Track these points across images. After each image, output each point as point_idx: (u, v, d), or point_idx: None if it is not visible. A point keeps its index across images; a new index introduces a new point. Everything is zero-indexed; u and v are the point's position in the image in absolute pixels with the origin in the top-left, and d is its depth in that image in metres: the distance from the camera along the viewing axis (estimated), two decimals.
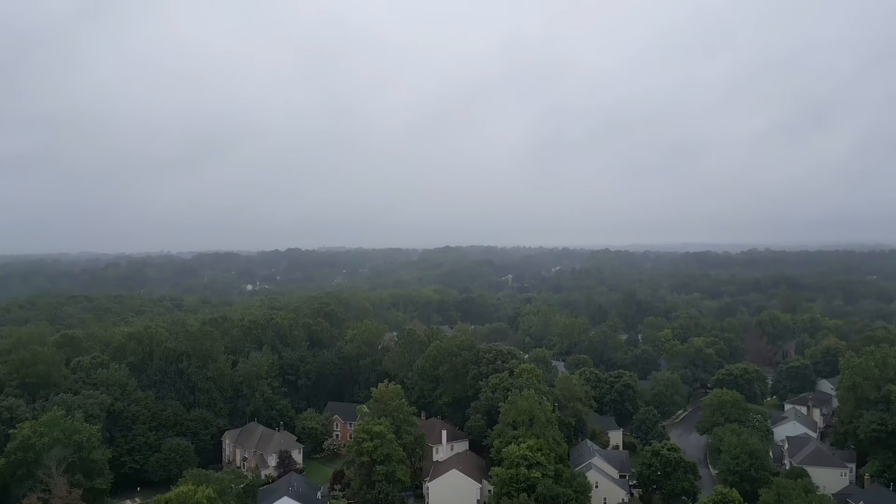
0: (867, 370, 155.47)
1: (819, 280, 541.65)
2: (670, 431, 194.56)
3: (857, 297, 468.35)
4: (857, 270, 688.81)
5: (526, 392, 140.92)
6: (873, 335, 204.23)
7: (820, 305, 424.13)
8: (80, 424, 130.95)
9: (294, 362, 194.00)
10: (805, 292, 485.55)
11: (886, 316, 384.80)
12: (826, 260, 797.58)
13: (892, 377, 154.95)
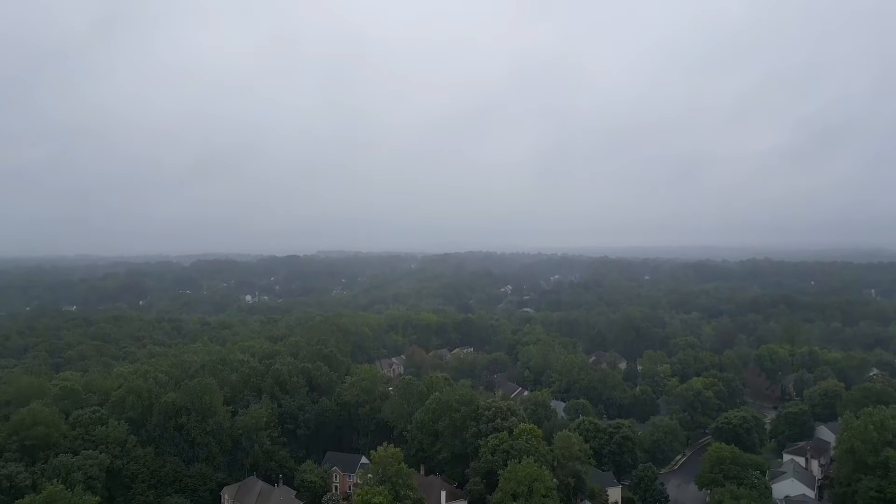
0: (866, 433, 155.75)
1: (818, 299, 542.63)
2: (669, 480, 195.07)
3: (856, 319, 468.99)
4: (855, 284, 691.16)
5: (525, 460, 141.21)
6: (872, 386, 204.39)
7: (818, 328, 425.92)
8: (79, 499, 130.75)
9: (293, 411, 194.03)
10: (803, 312, 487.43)
11: (884, 341, 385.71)
12: (824, 272, 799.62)
13: (890, 440, 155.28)
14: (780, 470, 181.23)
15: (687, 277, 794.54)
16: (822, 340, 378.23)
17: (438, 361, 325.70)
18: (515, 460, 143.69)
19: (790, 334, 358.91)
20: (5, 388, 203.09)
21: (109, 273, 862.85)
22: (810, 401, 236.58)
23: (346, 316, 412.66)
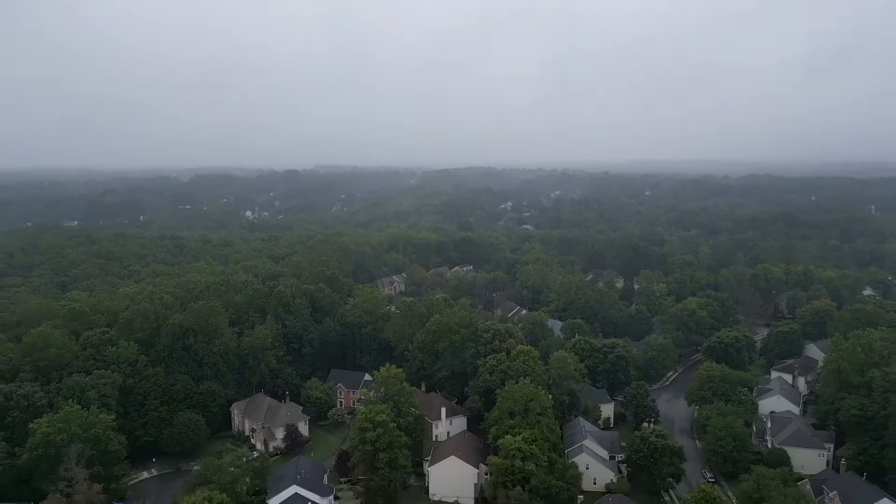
0: (853, 355, 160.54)
1: (817, 216, 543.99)
2: (660, 396, 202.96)
3: (854, 236, 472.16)
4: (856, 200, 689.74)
5: (522, 381, 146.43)
6: (863, 308, 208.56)
7: (815, 245, 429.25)
8: (95, 417, 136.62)
9: (298, 331, 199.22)
10: (802, 229, 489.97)
11: (879, 259, 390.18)
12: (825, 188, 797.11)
13: (876, 361, 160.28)
14: (767, 387, 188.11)
15: (687, 194, 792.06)
16: (818, 258, 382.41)
17: (438, 280, 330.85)
18: (513, 381, 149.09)
19: (786, 253, 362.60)
20: (15, 308, 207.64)
21: (109, 189, 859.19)
22: (801, 320, 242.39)
23: (346, 234, 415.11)
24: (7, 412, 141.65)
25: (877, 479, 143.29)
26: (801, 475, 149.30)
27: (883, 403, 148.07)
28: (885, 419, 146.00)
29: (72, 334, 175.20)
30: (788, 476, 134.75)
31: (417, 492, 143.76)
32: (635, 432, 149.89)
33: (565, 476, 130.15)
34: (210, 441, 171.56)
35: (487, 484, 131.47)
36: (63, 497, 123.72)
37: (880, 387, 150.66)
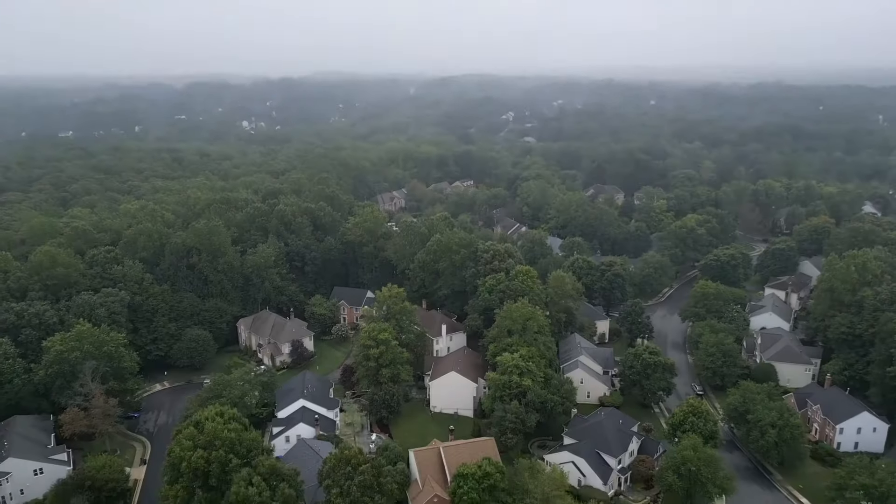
0: (847, 274, 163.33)
1: (823, 127, 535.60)
2: (655, 312, 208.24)
3: (860, 148, 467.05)
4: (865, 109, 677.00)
5: (521, 300, 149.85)
6: (860, 226, 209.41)
7: (819, 158, 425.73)
8: (106, 336, 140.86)
9: (300, 250, 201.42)
10: (807, 141, 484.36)
11: (882, 173, 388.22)
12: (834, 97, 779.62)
13: (869, 280, 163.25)
14: (760, 304, 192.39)
15: (692, 104, 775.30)
16: (820, 172, 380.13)
17: (438, 195, 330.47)
18: (511, 300, 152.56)
19: (789, 167, 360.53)
20: (19, 226, 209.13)
21: (100, 97, 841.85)
22: (799, 236, 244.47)
23: (345, 148, 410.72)
24: (20, 330, 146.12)
25: (859, 393, 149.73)
26: (786, 389, 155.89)
27: (871, 321, 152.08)
28: (873, 336, 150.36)
29: (77, 253, 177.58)
30: (774, 390, 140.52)
31: (419, 404, 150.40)
32: (629, 349, 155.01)
33: (560, 391, 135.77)
34: (218, 355, 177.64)
35: (486, 397, 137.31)
36: (80, 410, 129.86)
37: (870, 305, 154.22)
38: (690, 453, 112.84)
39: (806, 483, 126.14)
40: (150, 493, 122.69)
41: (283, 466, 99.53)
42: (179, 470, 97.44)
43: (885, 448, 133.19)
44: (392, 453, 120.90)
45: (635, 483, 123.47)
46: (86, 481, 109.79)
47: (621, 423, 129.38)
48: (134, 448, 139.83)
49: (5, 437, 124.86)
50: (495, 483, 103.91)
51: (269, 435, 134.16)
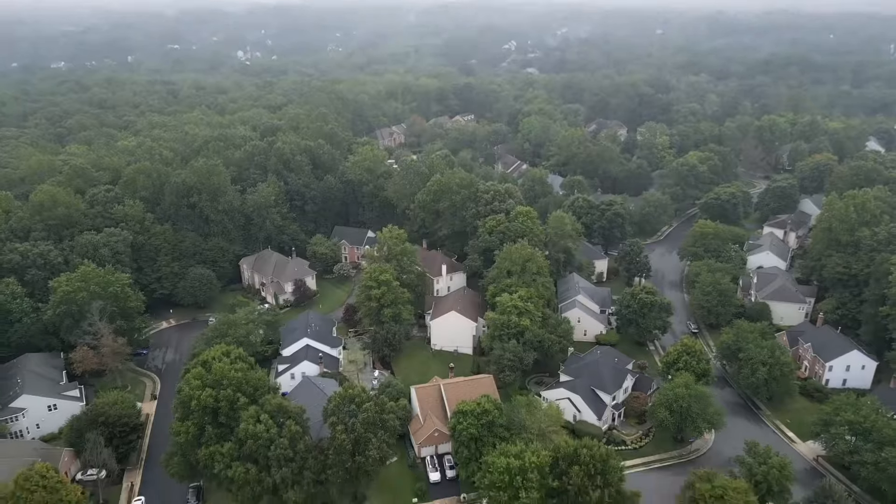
0: (846, 214, 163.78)
1: (832, 59, 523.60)
2: (654, 250, 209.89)
3: (867, 80, 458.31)
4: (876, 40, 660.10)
5: (520, 242, 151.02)
6: (862, 164, 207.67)
7: (826, 91, 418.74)
8: (112, 276, 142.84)
9: (300, 189, 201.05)
10: (815, 73, 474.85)
11: (889, 106, 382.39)
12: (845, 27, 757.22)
13: (867, 221, 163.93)
14: (758, 243, 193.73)
15: (700, 33, 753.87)
16: (827, 105, 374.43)
17: (439, 130, 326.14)
18: (511, 241, 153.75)
19: (795, 102, 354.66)
20: (18, 164, 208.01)
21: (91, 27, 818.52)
22: (800, 174, 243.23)
23: (343, 81, 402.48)
24: (25, 270, 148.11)
25: (850, 331, 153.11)
26: (779, 327, 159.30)
27: (867, 262, 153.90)
28: (867, 277, 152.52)
29: (77, 193, 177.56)
30: (767, 329, 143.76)
31: (420, 342, 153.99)
32: (626, 289, 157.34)
33: (557, 330, 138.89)
34: (222, 293, 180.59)
35: (485, 336, 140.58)
36: (90, 349, 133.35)
37: (867, 245, 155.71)
38: (682, 391, 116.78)
39: (793, 418, 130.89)
40: (161, 427, 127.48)
41: (290, 404, 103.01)
42: (189, 408, 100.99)
43: (871, 385, 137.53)
44: (394, 390, 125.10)
45: (628, 418, 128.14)
46: (99, 417, 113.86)
47: (616, 362, 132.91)
48: (144, 384, 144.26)
49: (18, 374, 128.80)
50: (493, 419, 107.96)
51: (274, 372, 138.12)
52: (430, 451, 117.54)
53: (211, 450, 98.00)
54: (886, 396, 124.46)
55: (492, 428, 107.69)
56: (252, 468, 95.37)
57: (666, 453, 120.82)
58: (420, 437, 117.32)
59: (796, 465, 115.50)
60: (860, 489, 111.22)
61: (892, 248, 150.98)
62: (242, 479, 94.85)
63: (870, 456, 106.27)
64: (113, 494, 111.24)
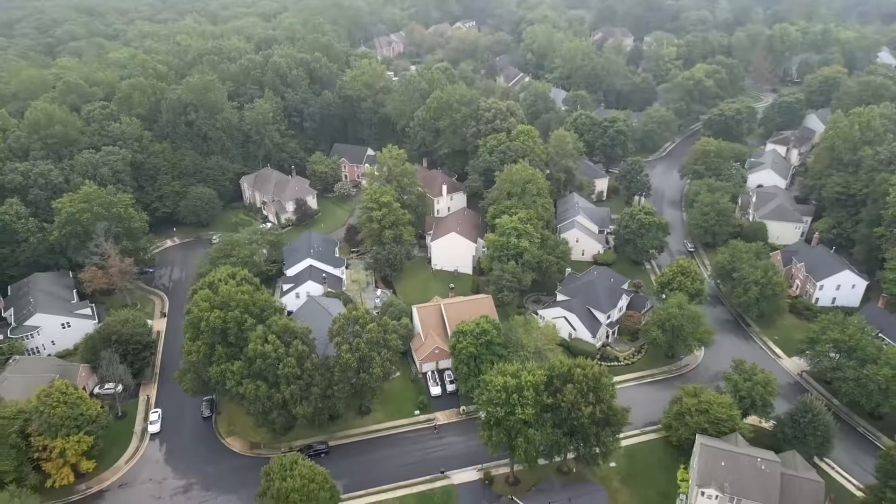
0: (850, 133, 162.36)
1: None
2: (655, 167, 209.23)
3: None
4: None
5: (521, 163, 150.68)
6: (871, 79, 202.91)
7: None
8: (114, 197, 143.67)
9: (297, 105, 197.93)
10: None
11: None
12: None
13: (871, 139, 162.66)
14: (760, 161, 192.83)
15: None
16: (841, 13, 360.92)
17: (439, 39, 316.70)
18: (511, 162, 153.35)
19: (808, 8, 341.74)
20: (8, 79, 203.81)
21: None
22: (809, 87, 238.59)
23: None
24: (28, 190, 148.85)
25: (844, 250, 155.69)
26: (775, 246, 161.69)
27: (867, 181, 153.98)
28: (865, 197, 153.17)
29: (72, 110, 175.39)
30: (762, 249, 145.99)
31: (421, 262, 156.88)
32: (625, 209, 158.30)
33: (556, 251, 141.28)
34: (224, 212, 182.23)
35: (484, 257, 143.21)
36: (98, 269, 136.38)
37: (868, 165, 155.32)
38: (675, 310, 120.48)
39: (781, 335, 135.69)
40: (172, 343, 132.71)
41: (296, 324, 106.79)
42: (199, 328, 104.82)
43: (860, 303, 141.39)
44: (396, 309, 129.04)
45: (622, 336, 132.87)
46: (112, 335, 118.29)
47: (612, 282, 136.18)
48: (153, 301, 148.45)
49: (31, 293, 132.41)
50: (491, 339, 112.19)
51: (279, 291, 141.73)
52: (431, 366, 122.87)
53: (222, 368, 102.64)
54: (873, 315, 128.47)
55: (490, 347, 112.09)
56: (262, 385, 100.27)
57: (657, 369, 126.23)
58: (421, 353, 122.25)
59: (781, 380, 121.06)
60: (840, 402, 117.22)
61: (893, 167, 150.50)
62: (254, 396, 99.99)
63: (851, 372, 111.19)
64: (130, 407, 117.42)
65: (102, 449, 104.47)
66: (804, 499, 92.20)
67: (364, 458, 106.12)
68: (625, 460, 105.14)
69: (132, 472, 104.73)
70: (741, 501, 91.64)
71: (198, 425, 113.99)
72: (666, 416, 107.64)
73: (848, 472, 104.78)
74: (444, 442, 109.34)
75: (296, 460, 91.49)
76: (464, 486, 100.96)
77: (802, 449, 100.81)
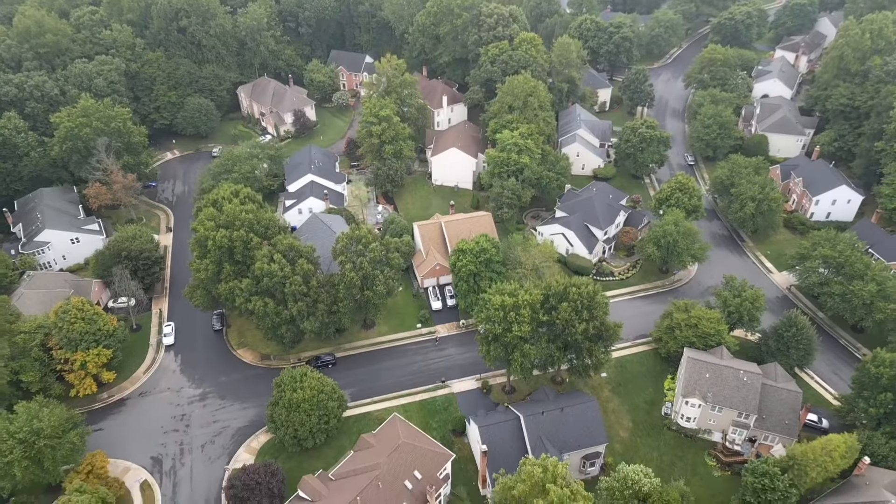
0: (860, 42, 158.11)
1: None
2: (659, 75, 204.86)
3: None
4: None
5: (523, 74, 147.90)
6: None
7: None
8: (112, 111, 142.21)
9: (292, 8, 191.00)
10: None
11: None
12: None
13: (881, 48, 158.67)
14: (767, 69, 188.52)
15: None
16: None
17: None
18: (514, 72, 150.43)
19: None
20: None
21: None
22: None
23: None
24: (24, 103, 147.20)
25: (844, 164, 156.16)
26: (775, 159, 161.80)
27: (873, 93, 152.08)
28: (870, 109, 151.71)
29: (61, 15, 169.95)
30: (762, 164, 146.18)
31: (421, 177, 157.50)
32: (627, 123, 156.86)
33: (556, 167, 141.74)
34: (223, 123, 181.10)
35: (484, 173, 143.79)
36: (102, 185, 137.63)
37: (875, 76, 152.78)
38: (671, 227, 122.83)
39: (773, 249, 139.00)
40: (179, 257, 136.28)
41: (300, 243, 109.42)
42: (206, 247, 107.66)
43: (854, 217, 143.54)
44: (398, 226, 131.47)
45: (618, 251, 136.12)
46: (122, 252, 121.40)
47: (611, 198, 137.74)
48: (157, 216, 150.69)
49: (37, 209, 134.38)
50: (490, 257, 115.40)
51: (281, 207, 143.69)
52: (433, 282, 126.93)
53: (230, 285, 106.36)
54: (865, 230, 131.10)
55: (489, 265, 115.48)
56: (270, 302, 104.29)
57: (650, 283, 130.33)
58: (423, 270, 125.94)
59: (770, 294, 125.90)
60: (825, 315, 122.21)
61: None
62: (262, 312, 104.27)
63: (838, 288, 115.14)
64: (144, 320, 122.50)
65: (121, 361, 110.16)
66: (782, 406, 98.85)
67: (369, 369, 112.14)
68: (616, 371, 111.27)
69: (151, 382, 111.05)
70: (722, 410, 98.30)
71: (209, 338, 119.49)
72: (656, 330, 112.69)
73: (827, 382, 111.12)
74: (444, 353, 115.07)
75: (305, 372, 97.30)
76: (462, 395, 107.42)
77: (784, 361, 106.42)
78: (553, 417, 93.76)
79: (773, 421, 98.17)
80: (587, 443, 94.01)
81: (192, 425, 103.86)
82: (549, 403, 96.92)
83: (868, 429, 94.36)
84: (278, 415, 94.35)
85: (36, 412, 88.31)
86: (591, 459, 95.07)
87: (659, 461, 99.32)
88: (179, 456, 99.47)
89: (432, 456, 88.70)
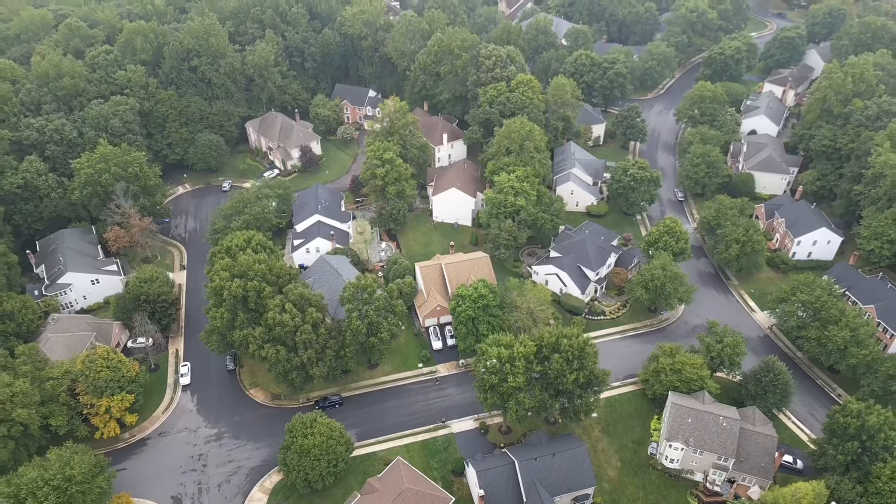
0: (842, 85, 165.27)
1: None
2: (652, 107, 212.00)
3: None
4: None
5: (520, 118, 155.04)
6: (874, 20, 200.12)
7: None
8: (129, 156, 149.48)
9: (298, 44, 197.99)
10: None
11: None
12: None
13: (863, 91, 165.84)
14: (756, 104, 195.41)
15: None
16: None
17: None
18: (511, 115, 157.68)
19: None
20: (9, 16, 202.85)
21: None
22: (812, 19, 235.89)
23: None
24: (45, 146, 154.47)
25: (826, 202, 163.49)
26: (761, 196, 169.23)
27: (853, 136, 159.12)
28: (851, 151, 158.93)
29: (76, 56, 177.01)
30: (746, 205, 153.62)
31: (422, 214, 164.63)
32: (619, 163, 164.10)
33: (551, 209, 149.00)
34: (231, 156, 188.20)
35: (482, 212, 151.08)
36: (121, 228, 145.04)
37: (856, 120, 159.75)
38: (659, 272, 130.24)
39: (757, 288, 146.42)
40: (193, 296, 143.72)
41: (310, 293, 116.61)
42: (222, 297, 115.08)
43: (835, 256, 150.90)
44: (400, 267, 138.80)
45: (609, 290, 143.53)
46: (141, 296, 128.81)
47: (602, 240, 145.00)
48: (171, 253, 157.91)
49: (59, 251, 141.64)
50: (488, 302, 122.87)
51: (290, 245, 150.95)
52: (433, 322, 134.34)
53: (244, 333, 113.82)
54: (843, 272, 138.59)
55: (487, 309, 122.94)
56: (282, 349, 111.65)
57: (639, 322, 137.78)
58: (424, 310, 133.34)
59: (752, 333, 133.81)
60: (803, 355, 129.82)
61: (880, 124, 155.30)
62: (274, 359, 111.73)
63: (814, 332, 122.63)
64: (161, 360, 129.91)
65: (142, 403, 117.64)
66: (759, 450, 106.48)
67: (374, 409, 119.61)
68: (606, 410, 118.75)
69: (169, 422, 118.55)
70: (703, 453, 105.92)
71: (223, 377, 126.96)
72: (644, 373, 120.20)
73: (804, 423, 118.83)
74: (444, 393, 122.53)
75: (315, 418, 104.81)
76: (461, 435, 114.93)
77: (763, 403, 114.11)
78: (545, 462, 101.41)
79: (750, 464, 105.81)
80: (577, 485, 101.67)
81: (208, 465, 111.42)
82: (541, 448, 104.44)
83: (837, 473, 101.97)
84: (290, 459, 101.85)
85: (68, 459, 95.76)
86: (581, 501, 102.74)
87: (645, 500, 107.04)
88: (198, 495, 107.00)
89: (433, 500, 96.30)
